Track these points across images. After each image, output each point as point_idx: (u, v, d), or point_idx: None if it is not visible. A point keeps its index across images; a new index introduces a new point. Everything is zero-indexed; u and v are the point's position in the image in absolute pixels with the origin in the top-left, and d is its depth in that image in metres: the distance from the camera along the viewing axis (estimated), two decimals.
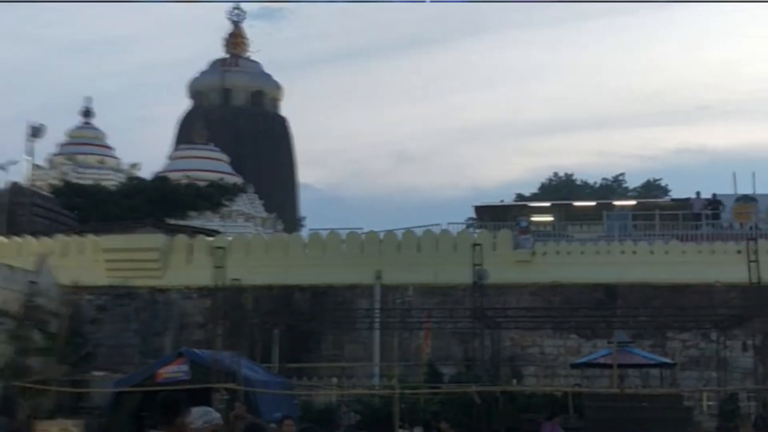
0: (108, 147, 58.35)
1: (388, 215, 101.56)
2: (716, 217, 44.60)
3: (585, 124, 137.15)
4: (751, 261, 21.26)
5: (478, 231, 41.36)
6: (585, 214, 52.47)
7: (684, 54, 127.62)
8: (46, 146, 57.25)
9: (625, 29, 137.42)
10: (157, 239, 32.51)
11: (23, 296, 26.22)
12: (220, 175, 52.24)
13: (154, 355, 28.17)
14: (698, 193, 46.86)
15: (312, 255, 31.95)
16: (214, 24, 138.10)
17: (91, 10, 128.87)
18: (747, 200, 44.19)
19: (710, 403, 25.45)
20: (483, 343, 24.62)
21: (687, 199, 47.80)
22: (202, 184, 48.55)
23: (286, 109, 74.04)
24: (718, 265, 29.35)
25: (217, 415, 6.99)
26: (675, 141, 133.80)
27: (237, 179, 54.25)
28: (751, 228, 41.53)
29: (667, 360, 26.14)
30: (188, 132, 61.63)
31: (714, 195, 45.72)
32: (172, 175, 50.31)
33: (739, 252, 25.99)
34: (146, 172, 55.01)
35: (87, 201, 44.10)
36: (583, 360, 26.14)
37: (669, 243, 33.36)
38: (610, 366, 24.09)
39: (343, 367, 29.85)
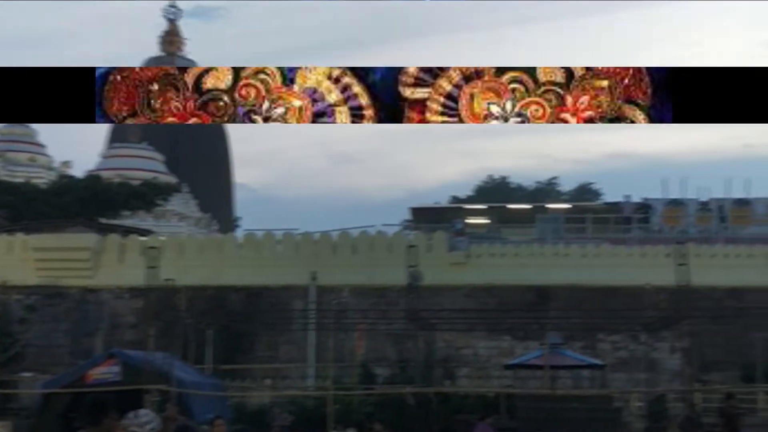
0: (39, 144, 57.26)
1: (324, 216, 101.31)
2: (646, 220, 45.47)
3: (520, 127, 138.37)
4: (679, 264, 21.62)
5: (413, 233, 41.54)
6: (519, 217, 53.08)
7: (618, 59, 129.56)
8: None
9: (561, 33, 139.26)
10: (89, 238, 32.08)
11: None
12: (153, 174, 51.65)
13: (84, 356, 27.75)
14: (628, 197, 47.71)
15: (247, 255, 31.80)
16: (150, 22, 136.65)
17: (25, 4, 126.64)
18: (676, 204, 45.12)
19: (639, 404, 25.81)
20: (417, 344, 24.73)
21: (618, 203, 48.65)
22: (135, 183, 47.95)
23: None
24: (648, 268, 29.92)
25: (159, 420, 7.03)
26: (608, 145, 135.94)
27: (171, 178, 53.68)
28: (680, 232, 42.41)
29: (598, 361, 26.48)
30: (122, 130, 60.77)
31: (644, 199, 46.58)
32: (105, 174, 49.61)
33: (668, 255, 26.52)
34: (78, 171, 54.12)
35: (17, 199, 43.30)
36: (516, 361, 26.38)
37: (600, 246, 33.89)
38: (542, 367, 24.34)
39: (277, 369, 29.73)
